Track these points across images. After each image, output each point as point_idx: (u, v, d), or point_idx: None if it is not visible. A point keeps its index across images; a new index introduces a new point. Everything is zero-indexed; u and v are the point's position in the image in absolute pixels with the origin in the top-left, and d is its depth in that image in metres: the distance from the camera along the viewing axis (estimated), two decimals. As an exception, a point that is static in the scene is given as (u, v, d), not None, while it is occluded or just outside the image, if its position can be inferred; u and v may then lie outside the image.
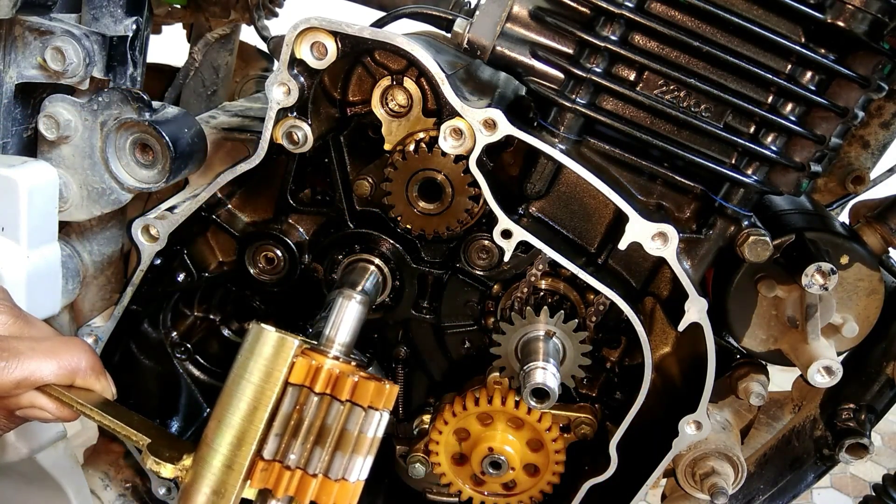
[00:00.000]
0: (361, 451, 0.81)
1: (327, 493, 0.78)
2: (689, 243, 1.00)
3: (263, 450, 0.78)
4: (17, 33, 1.00)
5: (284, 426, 0.79)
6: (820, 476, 1.32)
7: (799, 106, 0.93)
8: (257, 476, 0.78)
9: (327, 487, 0.79)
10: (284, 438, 0.79)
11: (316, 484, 0.79)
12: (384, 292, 1.13)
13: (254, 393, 0.79)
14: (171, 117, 1.04)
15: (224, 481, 0.78)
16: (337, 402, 0.80)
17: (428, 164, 1.03)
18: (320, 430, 0.80)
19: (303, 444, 0.79)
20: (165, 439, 0.84)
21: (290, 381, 0.79)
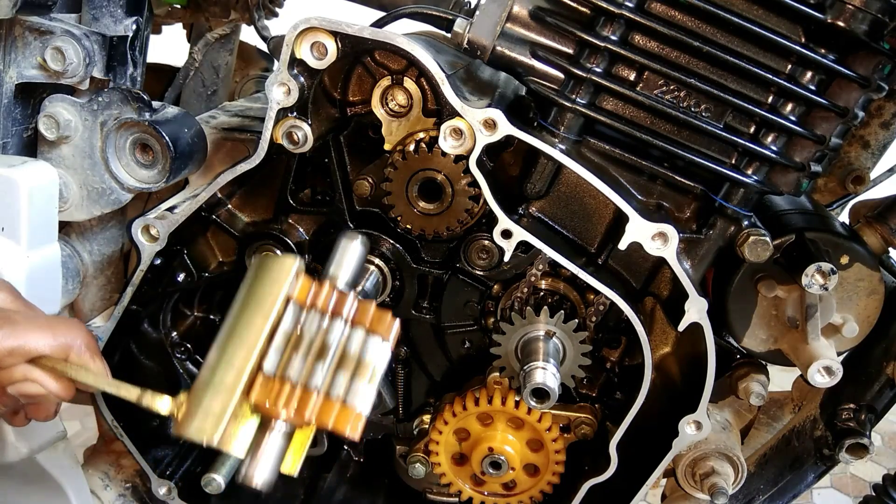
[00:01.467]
0: (363, 376, 0.76)
1: (327, 412, 0.74)
2: (689, 243, 1.00)
3: (263, 364, 0.74)
4: (17, 33, 1.00)
5: (285, 342, 0.76)
6: (820, 476, 1.32)
7: (799, 106, 0.93)
8: (257, 389, 0.74)
9: (328, 407, 0.74)
10: (285, 354, 0.76)
11: (317, 402, 0.74)
12: (384, 292, 1.13)
13: (254, 310, 0.76)
14: (171, 117, 1.04)
15: (222, 395, 0.74)
16: (339, 321, 0.77)
17: (428, 164, 1.03)
18: (321, 348, 0.77)
19: (303, 360, 0.75)
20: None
21: (290, 298, 0.77)
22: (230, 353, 0.76)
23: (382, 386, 1.20)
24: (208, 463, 1.22)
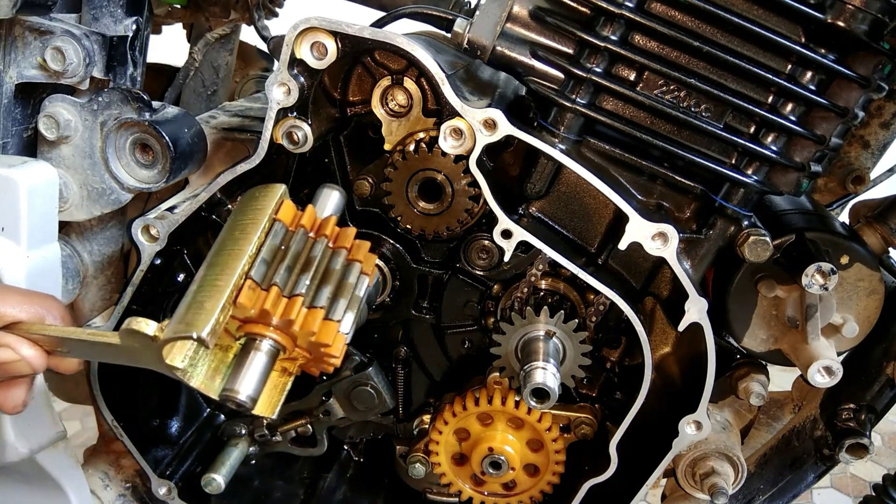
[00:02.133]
0: (345, 296, 0.76)
1: (312, 319, 0.72)
2: (689, 243, 1.00)
3: (251, 272, 0.73)
4: (17, 33, 1.00)
5: (272, 255, 0.75)
6: (820, 476, 1.32)
7: (799, 106, 0.93)
8: (244, 294, 0.71)
9: (313, 315, 0.73)
10: (272, 265, 0.75)
11: (302, 308, 0.73)
12: (384, 292, 1.13)
13: (242, 229, 0.76)
14: (171, 117, 1.04)
15: (212, 295, 0.71)
16: (323, 239, 0.78)
17: (428, 164, 1.03)
18: (306, 263, 0.77)
19: (289, 272, 0.74)
20: None
21: (276, 218, 0.77)
22: (218, 264, 0.75)
23: (382, 386, 1.20)
24: (208, 463, 1.23)
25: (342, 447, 1.39)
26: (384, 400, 1.20)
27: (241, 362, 0.72)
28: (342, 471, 1.39)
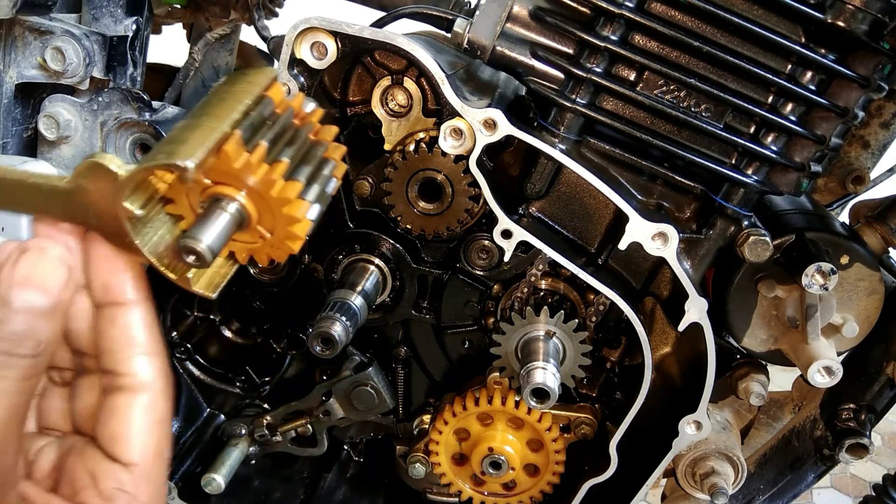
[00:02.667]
0: (319, 184, 0.73)
1: (288, 190, 0.68)
2: (689, 243, 1.00)
3: (236, 130, 0.68)
4: (17, 33, 1.00)
5: (259, 122, 0.72)
6: (820, 476, 1.32)
7: (799, 106, 0.93)
8: (231, 144, 0.67)
9: (290, 187, 0.69)
10: (258, 131, 0.71)
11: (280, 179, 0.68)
12: (384, 292, 1.13)
13: (231, 95, 0.72)
14: (171, 117, 1.04)
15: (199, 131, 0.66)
16: (309, 126, 0.76)
17: (428, 164, 1.03)
18: (289, 140, 0.73)
19: (272, 142, 0.71)
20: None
21: (266, 94, 0.74)
22: (204, 114, 0.69)
23: (382, 386, 1.20)
24: (208, 463, 1.23)
25: (342, 447, 1.39)
26: (384, 400, 1.20)
27: (205, 218, 0.66)
28: (342, 471, 1.39)
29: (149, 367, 0.65)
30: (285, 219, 0.69)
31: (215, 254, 0.65)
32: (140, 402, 0.65)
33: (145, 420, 0.64)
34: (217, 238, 0.65)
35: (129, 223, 0.66)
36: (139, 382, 0.65)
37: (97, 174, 0.65)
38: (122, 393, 0.65)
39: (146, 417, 0.64)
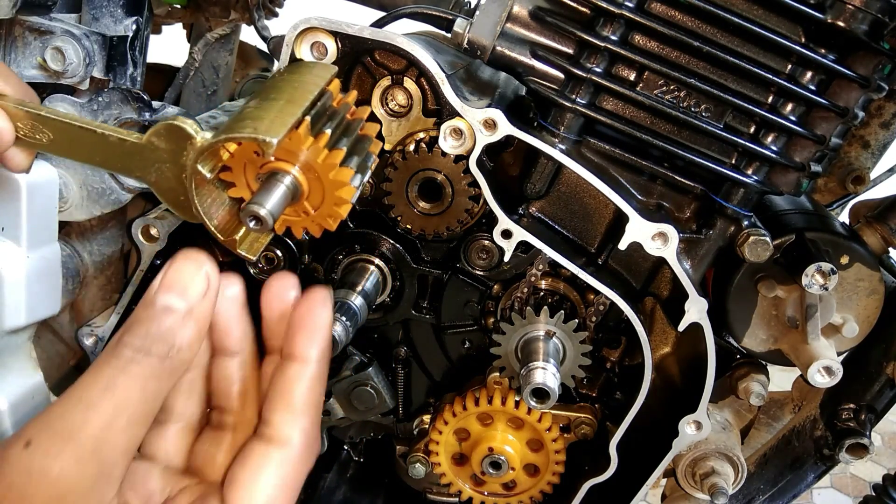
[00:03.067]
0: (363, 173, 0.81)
1: (342, 174, 0.75)
2: (689, 243, 1.00)
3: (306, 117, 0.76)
4: (17, 33, 1.00)
5: (322, 111, 0.79)
6: (820, 476, 1.32)
7: (799, 106, 0.93)
8: (303, 128, 0.74)
9: (344, 172, 0.76)
10: (321, 120, 0.79)
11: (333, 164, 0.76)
12: (384, 292, 1.13)
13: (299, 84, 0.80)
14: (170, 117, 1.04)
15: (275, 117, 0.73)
16: (358, 122, 0.84)
17: (428, 164, 1.03)
18: (344, 131, 0.81)
19: (332, 131, 0.78)
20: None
21: (328, 89, 0.83)
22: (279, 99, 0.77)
23: (382, 386, 1.20)
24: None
25: (342, 447, 1.39)
26: (384, 400, 1.20)
27: (266, 188, 0.72)
28: (342, 471, 1.39)
29: (293, 426, 0.67)
30: (333, 184, 0.75)
31: (275, 219, 0.71)
32: (274, 455, 0.66)
33: (270, 474, 0.65)
34: (276, 205, 0.71)
35: (194, 185, 0.73)
36: (279, 436, 0.66)
37: (174, 135, 0.72)
38: (260, 442, 0.66)
39: (276, 472, 0.65)
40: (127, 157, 0.75)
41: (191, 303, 0.63)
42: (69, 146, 0.77)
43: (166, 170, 0.74)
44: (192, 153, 0.72)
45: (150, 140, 0.73)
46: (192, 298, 0.63)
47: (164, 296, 0.63)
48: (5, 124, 0.74)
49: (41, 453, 0.56)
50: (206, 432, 0.73)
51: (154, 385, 0.61)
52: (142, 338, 0.61)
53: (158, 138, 0.73)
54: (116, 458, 0.59)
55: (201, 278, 0.65)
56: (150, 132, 0.73)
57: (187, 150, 0.72)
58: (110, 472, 0.59)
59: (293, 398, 0.67)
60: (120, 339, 0.61)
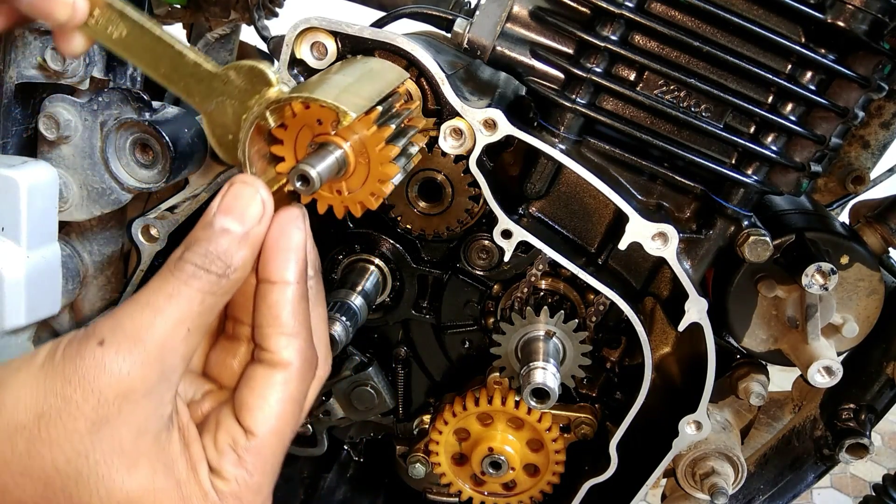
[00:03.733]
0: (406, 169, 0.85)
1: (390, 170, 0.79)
2: (689, 243, 1.00)
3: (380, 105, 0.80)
4: (17, 33, 1.00)
5: (389, 107, 0.84)
6: (820, 476, 1.32)
7: (799, 106, 0.93)
8: (373, 115, 0.78)
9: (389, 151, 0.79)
10: (388, 114, 0.83)
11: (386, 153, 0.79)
12: (384, 292, 1.13)
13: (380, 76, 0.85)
14: (171, 117, 1.04)
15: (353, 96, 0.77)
16: (412, 129, 0.89)
17: (428, 164, 1.03)
18: (401, 131, 0.85)
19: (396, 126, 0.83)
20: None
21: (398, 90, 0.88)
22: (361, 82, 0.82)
23: (382, 386, 1.20)
24: (208, 463, 1.22)
25: (342, 447, 1.39)
26: (384, 400, 1.21)
27: (317, 154, 0.75)
28: (342, 471, 1.39)
29: (289, 347, 0.70)
30: (379, 158, 0.78)
31: (322, 182, 0.73)
32: (275, 378, 0.70)
33: (275, 396, 0.70)
34: (325, 171, 0.74)
35: (251, 129, 0.76)
36: (278, 360, 0.70)
37: (253, 77, 0.75)
38: (262, 366, 0.71)
39: (276, 394, 0.70)
40: (194, 81, 0.77)
41: (247, 227, 0.67)
42: (138, 51, 0.78)
43: (228, 105, 0.76)
44: (264, 100, 0.75)
45: (227, 73, 0.76)
46: (248, 223, 0.67)
47: (222, 218, 0.67)
48: (82, 3, 0.74)
49: (113, 352, 0.61)
50: (221, 341, 0.77)
51: (211, 299, 0.65)
52: (202, 256, 0.65)
53: (237, 74, 0.75)
54: (176, 363, 0.64)
55: (257, 204, 0.68)
56: (230, 66, 0.76)
57: (260, 95, 0.75)
58: (170, 376, 0.64)
59: (282, 322, 0.70)
60: (181, 256, 0.65)
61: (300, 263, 0.72)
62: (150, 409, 0.63)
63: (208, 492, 0.67)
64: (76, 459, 0.60)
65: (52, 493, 0.61)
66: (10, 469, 0.60)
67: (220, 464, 0.68)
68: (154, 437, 0.63)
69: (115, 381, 0.61)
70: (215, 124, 0.77)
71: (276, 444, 0.71)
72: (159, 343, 0.62)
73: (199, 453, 0.68)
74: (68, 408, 0.60)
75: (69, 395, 0.60)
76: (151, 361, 0.62)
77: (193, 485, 0.67)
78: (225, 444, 0.69)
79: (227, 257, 0.66)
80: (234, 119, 0.77)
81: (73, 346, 0.62)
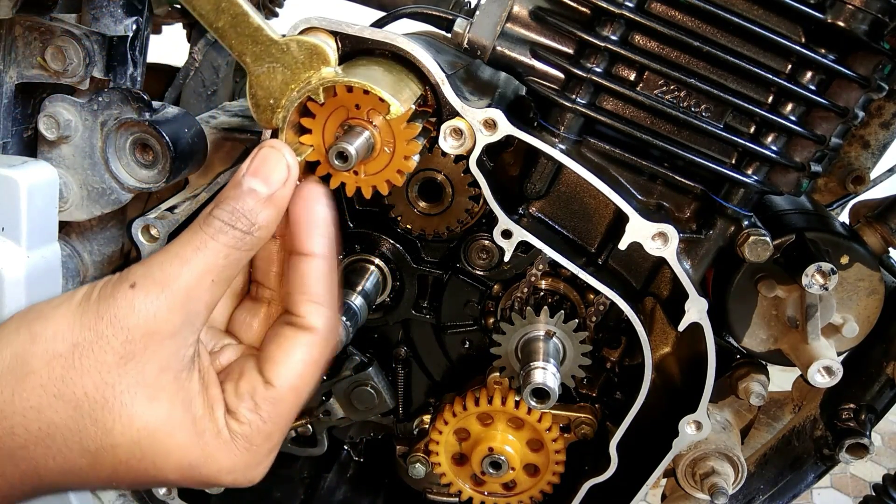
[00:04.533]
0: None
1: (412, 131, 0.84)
2: (689, 243, 1.00)
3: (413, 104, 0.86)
4: (17, 33, 1.00)
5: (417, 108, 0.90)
6: (820, 476, 1.32)
7: (799, 106, 0.93)
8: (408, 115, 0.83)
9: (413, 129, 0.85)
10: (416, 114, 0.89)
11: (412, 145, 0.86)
12: (384, 292, 1.13)
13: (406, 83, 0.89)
14: (171, 117, 1.04)
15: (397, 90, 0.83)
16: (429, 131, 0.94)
17: (428, 164, 1.03)
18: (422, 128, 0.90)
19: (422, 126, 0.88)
20: None
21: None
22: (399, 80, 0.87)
23: (382, 386, 1.20)
24: (208, 463, 1.22)
25: (342, 447, 1.39)
26: (384, 400, 1.20)
27: (351, 134, 0.82)
28: (342, 471, 1.39)
29: (316, 314, 0.77)
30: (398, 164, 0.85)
31: (357, 159, 0.80)
32: (301, 339, 0.76)
33: (299, 355, 0.76)
34: (359, 148, 0.80)
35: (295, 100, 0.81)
36: (306, 324, 0.77)
37: (312, 52, 0.81)
38: (290, 327, 0.77)
39: (301, 353, 0.76)
40: (250, 41, 0.82)
41: (272, 189, 0.72)
42: (201, 1, 0.83)
43: (279, 72, 0.81)
44: (321, 77, 0.81)
45: (288, 43, 0.81)
46: (273, 185, 0.72)
47: (250, 179, 0.72)
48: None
49: (143, 295, 0.68)
50: (246, 302, 0.85)
51: (235, 254, 0.71)
52: (229, 213, 0.71)
53: (298, 47, 0.81)
54: (200, 310, 0.71)
55: (283, 168, 0.73)
56: (292, 38, 0.82)
57: (314, 69, 0.81)
58: (193, 321, 0.70)
59: (311, 291, 0.77)
60: (211, 212, 0.71)
61: (327, 238, 0.78)
62: (173, 350, 0.69)
63: (221, 429, 0.73)
64: (104, 388, 0.67)
65: (80, 416, 0.67)
66: (46, 391, 0.67)
67: (237, 407, 0.74)
68: (175, 375, 0.70)
69: (143, 322, 0.67)
70: (260, 87, 0.82)
71: (291, 399, 0.76)
72: (184, 291, 0.68)
73: (217, 395, 0.75)
74: (100, 342, 0.67)
75: (101, 331, 0.67)
76: (177, 307, 0.68)
77: (208, 421, 0.73)
78: (245, 391, 0.75)
79: (253, 216, 0.71)
80: (281, 86, 0.82)
81: (107, 288, 0.69)
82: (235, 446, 0.73)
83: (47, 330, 0.68)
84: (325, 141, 0.84)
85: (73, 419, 0.67)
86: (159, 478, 0.72)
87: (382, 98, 0.81)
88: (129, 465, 0.70)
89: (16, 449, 0.68)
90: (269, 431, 0.75)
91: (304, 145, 0.84)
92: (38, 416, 0.67)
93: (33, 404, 0.67)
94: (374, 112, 0.83)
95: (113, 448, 0.69)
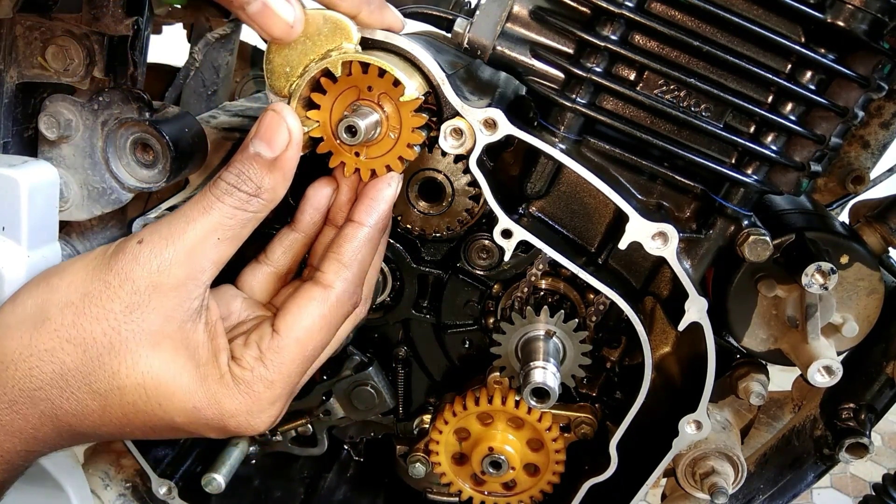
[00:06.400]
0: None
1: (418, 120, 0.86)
2: (689, 243, 1.00)
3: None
4: (17, 33, 1.00)
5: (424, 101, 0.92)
6: (820, 476, 1.32)
7: (799, 106, 0.93)
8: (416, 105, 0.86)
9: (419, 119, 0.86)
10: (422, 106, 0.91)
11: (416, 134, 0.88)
12: (384, 292, 1.13)
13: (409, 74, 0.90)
14: (171, 117, 1.04)
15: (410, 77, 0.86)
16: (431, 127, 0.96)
17: (428, 164, 1.03)
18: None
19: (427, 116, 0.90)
20: None
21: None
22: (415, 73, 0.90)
23: (382, 385, 1.20)
24: (208, 462, 1.23)
25: (342, 447, 1.39)
26: (384, 400, 1.21)
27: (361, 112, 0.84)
28: (342, 470, 1.39)
29: (337, 273, 0.81)
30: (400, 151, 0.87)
31: (364, 136, 0.82)
32: (316, 294, 0.81)
33: (308, 309, 0.80)
34: (369, 125, 0.83)
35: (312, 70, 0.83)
36: (324, 280, 0.81)
37: (335, 27, 0.83)
38: (310, 282, 0.82)
39: (311, 308, 0.80)
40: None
41: (276, 153, 0.76)
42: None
43: (300, 42, 0.83)
44: (342, 52, 0.83)
45: (314, 14, 0.82)
46: (277, 149, 0.76)
47: (256, 143, 0.76)
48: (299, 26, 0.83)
49: (148, 250, 0.74)
50: (294, 282, 0.91)
51: (241, 215, 0.76)
52: (235, 176, 0.76)
53: (323, 20, 0.83)
54: (205, 266, 0.75)
55: (284, 133, 0.76)
56: (316, 11, 0.82)
57: (335, 44, 0.83)
58: (198, 276, 0.75)
59: (343, 252, 0.82)
60: (220, 175, 0.76)
61: (381, 214, 0.84)
62: (177, 302, 0.74)
63: (224, 374, 0.77)
64: (110, 333, 0.73)
65: (89, 359, 0.73)
66: (59, 336, 0.73)
67: (242, 353, 0.79)
68: (179, 324, 0.75)
69: (147, 274, 0.73)
70: (278, 54, 0.84)
71: (296, 351, 0.79)
72: (188, 247, 0.74)
73: (223, 344, 0.79)
74: (108, 291, 0.73)
75: (109, 281, 0.73)
76: (180, 262, 0.73)
77: (212, 367, 0.77)
78: (253, 340, 0.79)
79: (258, 178, 0.76)
80: (300, 56, 0.84)
81: (119, 244, 0.76)
82: (238, 390, 0.77)
83: (63, 281, 0.75)
84: (332, 119, 0.86)
85: (83, 362, 0.73)
86: (167, 419, 0.76)
87: (397, 80, 0.82)
88: (136, 406, 0.75)
89: (34, 390, 0.73)
90: (272, 379, 0.78)
91: (310, 120, 0.85)
92: (52, 357, 0.73)
93: (48, 347, 0.73)
94: (386, 97, 0.85)
95: (120, 390, 0.74)
